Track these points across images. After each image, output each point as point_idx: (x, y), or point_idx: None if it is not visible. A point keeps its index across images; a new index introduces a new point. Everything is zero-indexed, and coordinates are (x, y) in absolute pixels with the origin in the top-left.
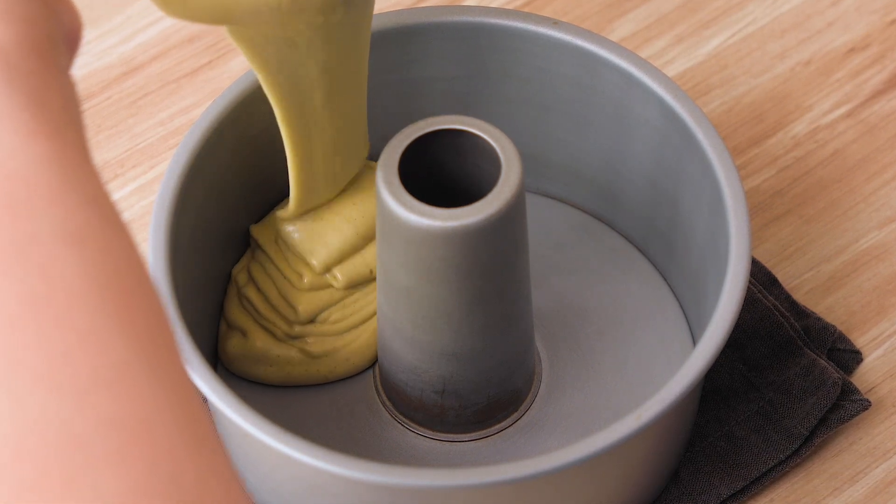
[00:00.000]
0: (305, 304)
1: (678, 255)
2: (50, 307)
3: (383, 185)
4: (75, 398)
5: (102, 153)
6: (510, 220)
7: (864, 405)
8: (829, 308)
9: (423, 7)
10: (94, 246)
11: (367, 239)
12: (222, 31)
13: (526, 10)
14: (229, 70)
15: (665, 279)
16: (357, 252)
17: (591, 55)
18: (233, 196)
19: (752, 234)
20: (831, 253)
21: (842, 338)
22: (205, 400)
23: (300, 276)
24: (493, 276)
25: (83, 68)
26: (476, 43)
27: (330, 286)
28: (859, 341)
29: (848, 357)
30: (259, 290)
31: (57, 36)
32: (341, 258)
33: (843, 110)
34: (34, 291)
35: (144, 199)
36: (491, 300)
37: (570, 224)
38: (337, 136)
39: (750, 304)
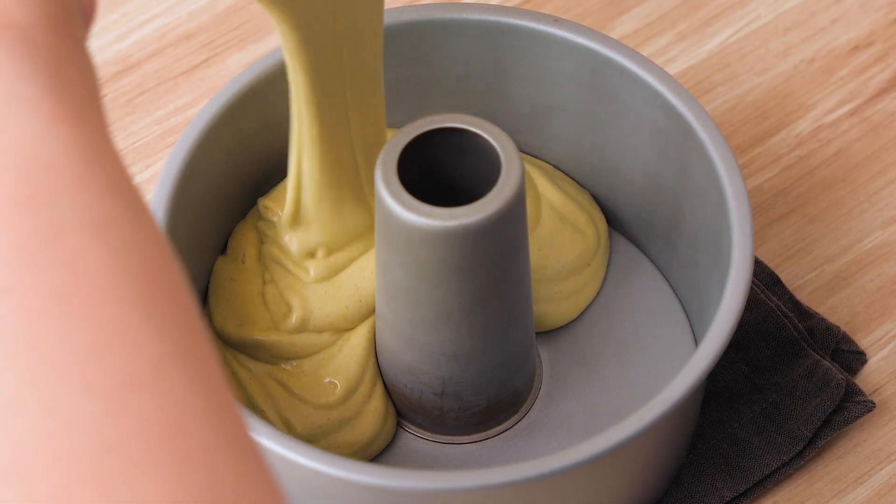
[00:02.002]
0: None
1: (680, 254)
2: (76, 301)
3: (382, 184)
4: (107, 399)
5: None
6: (510, 220)
7: (869, 407)
8: (832, 308)
9: (421, 5)
10: (119, 235)
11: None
12: (219, 29)
13: (526, 7)
14: (226, 68)
15: (667, 279)
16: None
17: (593, 53)
18: (229, 195)
19: (754, 234)
20: (835, 253)
21: (846, 338)
22: None
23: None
24: (493, 276)
25: None
26: (475, 41)
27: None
28: (863, 342)
29: (852, 358)
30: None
31: (73, 8)
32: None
33: (846, 108)
34: (60, 284)
35: None
36: (491, 300)
37: None
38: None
39: (753, 305)
